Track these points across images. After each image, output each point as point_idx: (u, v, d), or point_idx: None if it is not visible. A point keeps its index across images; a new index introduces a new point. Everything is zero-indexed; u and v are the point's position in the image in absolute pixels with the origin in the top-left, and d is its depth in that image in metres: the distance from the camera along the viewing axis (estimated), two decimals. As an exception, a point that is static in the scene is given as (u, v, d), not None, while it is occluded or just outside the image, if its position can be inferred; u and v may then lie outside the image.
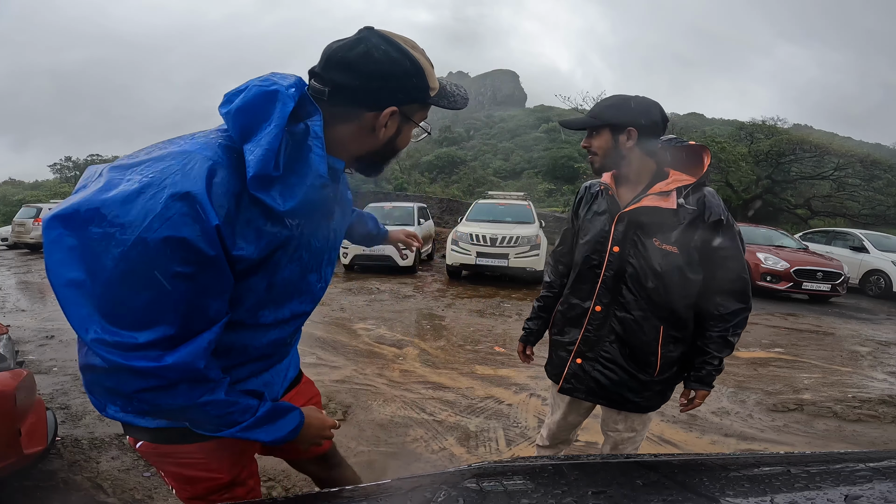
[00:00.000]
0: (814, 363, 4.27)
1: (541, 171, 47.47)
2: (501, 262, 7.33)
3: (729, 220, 1.32)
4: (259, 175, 0.64)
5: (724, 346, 1.35)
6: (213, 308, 0.68)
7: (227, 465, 0.91)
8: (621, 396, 1.42)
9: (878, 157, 19.56)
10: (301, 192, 0.69)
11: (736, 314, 1.33)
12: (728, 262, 1.32)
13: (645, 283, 1.34)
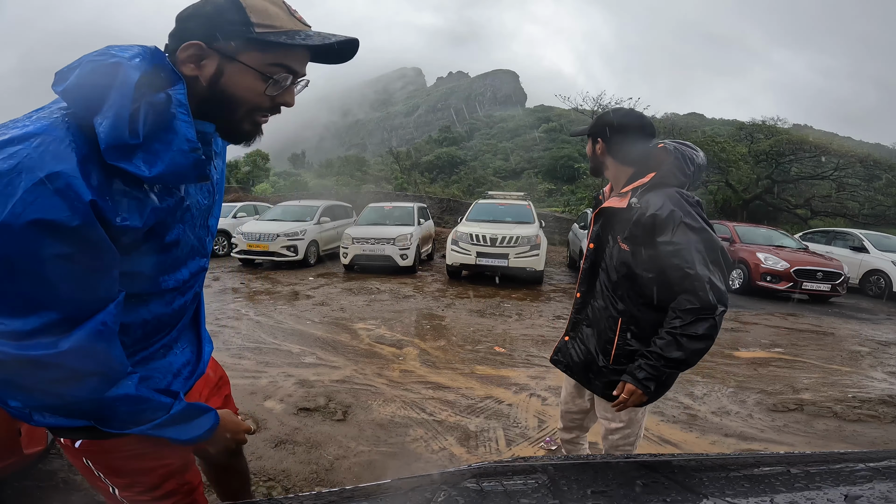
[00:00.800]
0: (814, 363, 4.27)
1: (541, 171, 47.48)
2: (501, 262, 7.33)
3: (672, 215, 1.29)
4: (113, 145, 0.63)
5: (672, 345, 1.29)
6: (103, 286, 0.67)
7: (178, 449, 0.87)
8: (586, 376, 1.56)
9: (878, 157, 19.57)
10: (168, 157, 0.67)
11: (689, 313, 1.26)
12: (671, 259, 1.28)
13: (610, 276, 1.47)
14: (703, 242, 1.28)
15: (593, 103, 18.30)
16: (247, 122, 0.78)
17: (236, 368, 3.46)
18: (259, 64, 0.73)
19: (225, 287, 6.93)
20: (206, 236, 0.91)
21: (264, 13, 0.72)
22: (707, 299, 1.25)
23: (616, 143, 1.44)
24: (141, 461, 0.86)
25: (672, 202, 1.31)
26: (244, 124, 0.78)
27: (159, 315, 0.83)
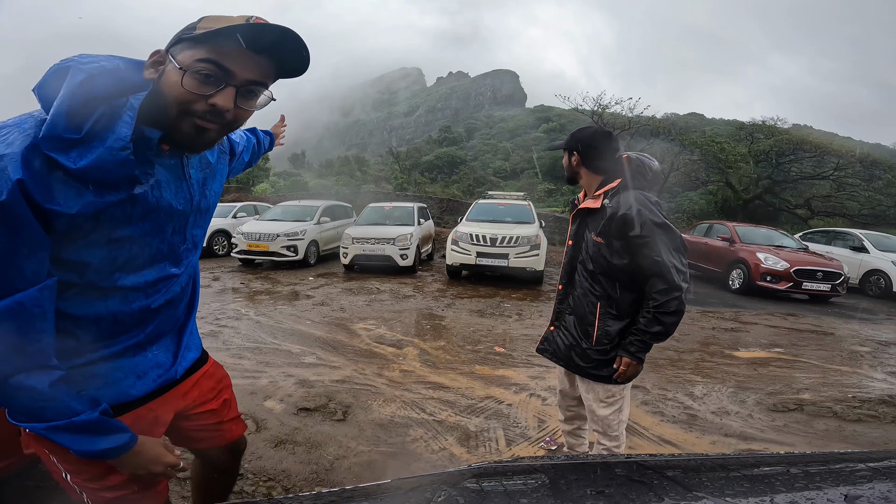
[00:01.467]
0: (814, 363, 4.27)
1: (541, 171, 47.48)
2: (501, 262, 7.33)
3: (640, 213, 1.55)
4: (47, 136, 0.67)
5: (654, 322, 1.55)
6: (28, 267, 0.68)
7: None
8: (570, 359, 1.76)
9: (878, 157, 19.58)
10: (96, 153, 0.70)
11: (662, 293, 1.53)
12: (643, 249, 1.55)
13: (587, 266, 1.70)
14: (666, 234, 1.55)
15: (593, 103, 18.29)
16: (185, 124, 0.76)
17: (236, 368, 3.46)
18: (188, 62, 0.74)
19: (225, 287, 6.93)
20: (182, 244, 0.92)
21: (213, 19, 0.74)
22: (674, 281, 1.52)
23: (588, 156, 1.73)
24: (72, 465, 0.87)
25: (638, 202, 1.58)
26: (182, 126, 0.77)
27: (117, 313, 0.83)
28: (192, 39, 0.74)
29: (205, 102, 0.75)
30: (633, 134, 18.39)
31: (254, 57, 0.76)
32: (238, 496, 1.95)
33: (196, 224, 0.96)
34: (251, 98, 0.80)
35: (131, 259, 0.82)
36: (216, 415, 1.12)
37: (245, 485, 2.04)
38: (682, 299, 1.54)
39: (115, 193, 0.74)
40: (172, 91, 0.74)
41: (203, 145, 0.82)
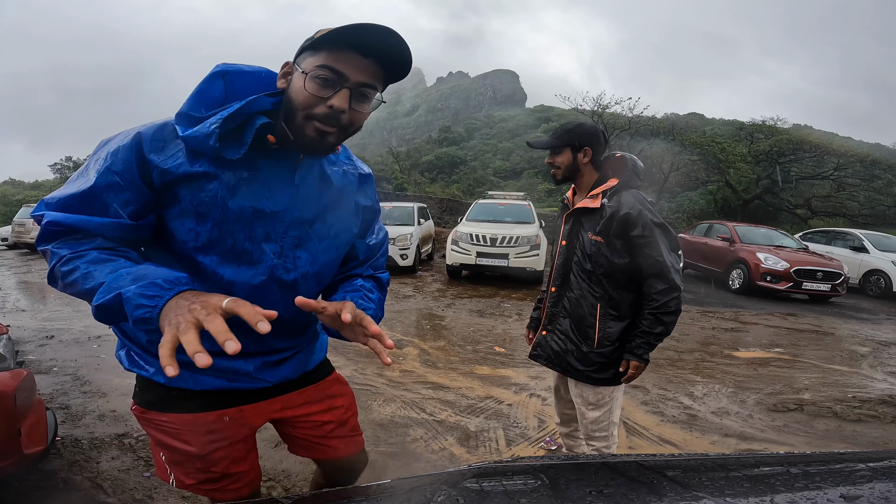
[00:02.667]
0: (814, 363, 4.27)
1: (541, 171, 47.43)
2: (501, 262, 7.33)
3: (641, 214, 1.56)
4: (179, 112, 0.83)
5: (656, 323, 1.57)
6: (115, 203, 0.80)
7: (197, 439, 0.95)
8: (568, 363, 1.70)
9: (878, 157, 19.57)
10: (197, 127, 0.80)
11: (663, 293, 1.55)
12: (644, 249, 1.56)
13: (584, 267, 1.66)
14: (664, 235, 1.58)
15: (593, 103, 18.28)
16: (307, 128, 0.82)
17: (236, 368, 3.46)
18: (309, 68, 0.80)
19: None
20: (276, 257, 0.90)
21: (324, 29, 0.80)
22: (674, 281, 1.55)
23: (597, 153, 1.69)
24: (166, 437, 0.96)
25: (639, 202, 1.59)
26: (306, 130, 0.82)
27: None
28: (311, 47, 0.81)
29: (324, 105, 0.80)
30: (633, 134, 18.39)
31: (362, 60, 0.81)
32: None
33: (302, 244, 0.93)
34: (364, 101, 0.84)
35: (212, 243, 0.86)
36: (321, 428, 1.12)
37: (245, 485, 2.04)
38: (681, 298, 1.57)
39: (205, 164, 0.83)
40: (298, 96, 0.81)
41: (324, 148, 0.87)
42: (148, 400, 0.95)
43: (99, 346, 3.96)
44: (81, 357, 3.66)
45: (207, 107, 0.82)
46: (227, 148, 0.81)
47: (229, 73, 0.85)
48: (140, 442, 2.36)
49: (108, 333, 4.33)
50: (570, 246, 1.73)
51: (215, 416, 0.96)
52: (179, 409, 0.93)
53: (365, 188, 1.05)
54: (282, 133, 0.85)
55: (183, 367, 0.80)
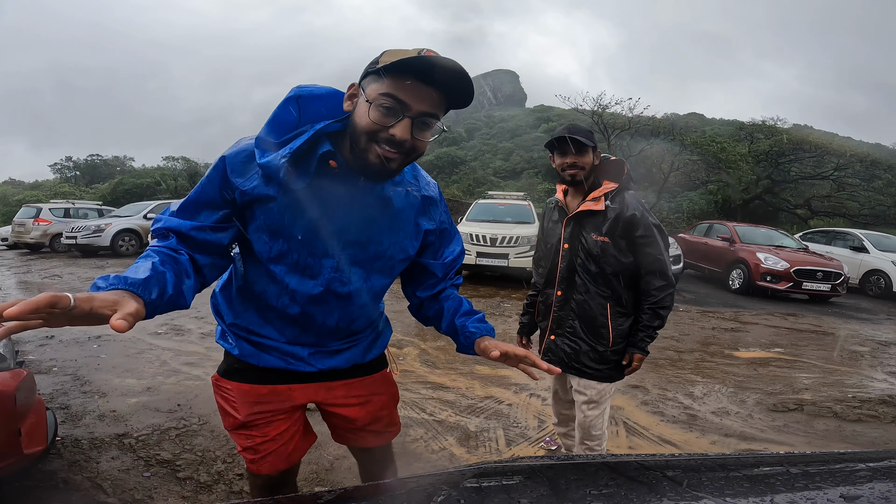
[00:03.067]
0: (814, 363, 4.27)
1: (541, 171, 47.44)
2: (501, 262, 7.33)
3: (643, 214, 1.66)
4: (259, 136, 0.91)
5: (654, 317, 1.69)
6: (202, 215, 0.93)
7: (244, 409, 1.09)
8: (584, 365, 1.75)
9: (878, 157, 19.58)
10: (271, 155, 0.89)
11: (660, 290, 1.67)
12: (646, 248, 1.66)
13: (590, 269, 1.72)
14: (661, 235, 1.69)
15: (593, 103, 18.28)
16: (370, 153, 0.86)
17: (236, 368, 3.46)
18: (373, 95, 0.84)
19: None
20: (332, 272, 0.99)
21: (392, 53, 0.83)
22: (671, 277, 1.69)
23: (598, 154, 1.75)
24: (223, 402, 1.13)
25: (640, 204, 1.68)
26: (369, 155, 0.86)
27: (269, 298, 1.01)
28: (375, 73, 0.84)
29: (387, 132, 0.84)
30: (633, 134, 18.39)
31: (425, 89, 0.84)
32: (238, 496, 1.95)
33: (357, 262, 1.00)
34: (426, 129, 0.88)
35: (281, 255, 0.96)
36: (354, 422, 1.20)
37: (245, 485, 2.04)
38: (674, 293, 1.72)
39: (275, 188, 0.91)
40: (361, 121, 0.86)
41: (387, 174, 0.91)
42: (223, 369, 1.13)
43: (99, 346, 3.96)
44: (81, 357, 3.66)
45: (282, 132, 0.91)
46: (294, 178, 0.90)
47: (302, 96, 0.93)
48: (140, 442, 2.36)
49: (108, 333, 4.33)
50: (573, 249, 1.75)
51: (268, 389, 1.09)
52: (241, 379, 1.09)
53: (429, 210, 1.08)
54: (345, 156, 0.93)
55: (253, 345, 1.07)
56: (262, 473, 1.15)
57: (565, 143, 1.68)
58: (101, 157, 56.81)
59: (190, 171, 34.17)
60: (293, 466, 1.21)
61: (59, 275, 7.93)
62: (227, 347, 1.10)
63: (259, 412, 1.10)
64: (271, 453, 1.13)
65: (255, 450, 1.12)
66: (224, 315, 1.10)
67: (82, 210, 13.32)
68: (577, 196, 1.79)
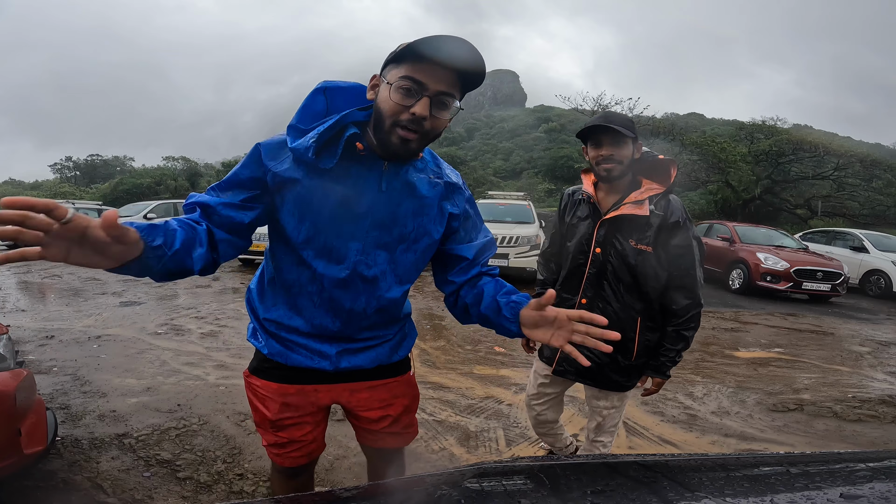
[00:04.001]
0: (814, 363, 4.27)
1: (541, 171, 47.45)
2: (501, 262, 7.32)
3: (686, 223, 1.50)
4: (290, 125, 0.97)
5: (679, 339, 1.55)
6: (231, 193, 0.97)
7: (275, 407, 1.14)
8: (606, 377, 1.62)
9: (878, 157, 19.59)
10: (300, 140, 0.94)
11: (687, 309, 1.53)
12: (680, 260, 1.50)
13: (623, 279, 1.53)
14: (699, 248, 1.53)
15: (593, 103, 18.28)
16: (392, 135, 0.91)
17: (236, 368, 3.46)
18: (393, 79, 0.89)
19: (225, 287, 6.93)
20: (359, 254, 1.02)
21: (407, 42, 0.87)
22: (699, 296, 1.53)
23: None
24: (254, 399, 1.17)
25: (685, 211, 1.51)
26: (391, 137, 0.92)
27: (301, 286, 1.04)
28: (394, 60, 0.90)
29: (408, 112, 0.89)
30: (633, 134, 18.38)
31: (441, 71, 0.88)
32: (238, 496, 1.95)
33: (383, 243, 1.03)
34: (443, 108, 0.92)
35: (310, 239, 0.99)
36: (375, 424, 1.23)
37: (245, 485, 2.04)
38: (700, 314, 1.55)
39: (304, 170, 0.96)
40: (384, 105, 0.91)
41: (407, 154, 0.96)
42: (254, 366, 1.16)
43: (99, 346, 3.96)
44: (81, 357, 3.66)
45: (311, 119, 0.96)
46: (323, 159, 0.94)
47: (329, 88, 0.99)
48: (140, 442, 2.36)
49: (107, 333, 4.33)
50: (605, 254, 1.55)
51: (295, 389, 1.13)
52: (270, 378, 1.13)
53: (453, 197, 1.11)
54: (369, 141, 0.97)
55: (281, 343, 1.10)
56: (286, 466, 1.22)
57: (601, 133, 1.48)
58: (101, 157, 56.82)
59: (190, 171, 34.16)
60: (314, 459, 1.27)
61: (59, 275, 7.93)
62: (258, 346, 1.13)
63: (288, 414, 1.15)
64: (295, 451, 1.19)
65: (281, 446, 1.18)
66: (257, 309, 1.14)
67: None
68: (611, 193, 1.58)
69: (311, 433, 1.19)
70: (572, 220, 1.67)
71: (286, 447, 1.18)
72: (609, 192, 1.58)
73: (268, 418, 1.15)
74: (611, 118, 1.48)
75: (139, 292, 6.40)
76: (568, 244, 1.66)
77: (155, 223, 0.80)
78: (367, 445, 1.31)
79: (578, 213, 1.66)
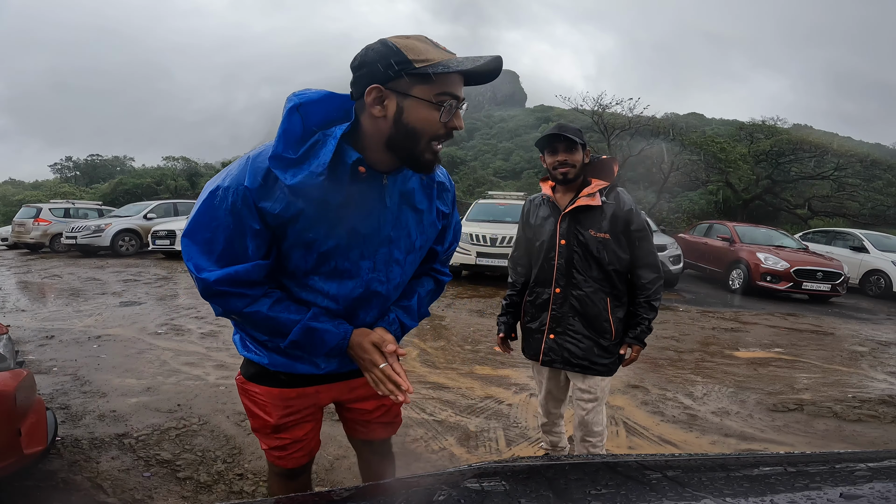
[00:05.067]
0: (814, 363, 4.27)
1: (540, 171, 47.41)
2: (501, 262, 7.33)
3: (636, 209, 1.73)
4: (273, 155, 0.87)
5: (651, 309, 1.75)
6: (251, 248, 0.92)
7: (276, 412, 1.12)
8: (590, 361, 1.76)
9: (878, 157, 19.60)
10: (303, 174, 0.86)
11: (653, 282, 1.74)
12: (642, 242, 1.74)
13: (588, 264, 1.73)
14: (650, 231, 1.78)
15: (593, 103, 18.28)
16: (427, 151, 0.90)
17: (237, 368, 3.46)
18: (429, 95, 0.85)
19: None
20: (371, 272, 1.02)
21: (416, 50, 0.84)
22: (661, 270, 1.77)
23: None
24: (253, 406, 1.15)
25: (632, 200, 1.74)
26: (426, 154, 0.90)
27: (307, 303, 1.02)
28: (424, 75, 0.83)
29: (445, 127, 0.88)
30: (633, 134, 18.39)
31: (459, 78, 0.88)
32: (238, 496, 1.95)
33: (392, 258, 1.04)
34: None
35: (318, 265, 0.98)
36: (369, 414, 1.27)
37: (245, 485, 2.04)
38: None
39: (303, 203, 0.90)
40: (420, 124, 0.86)
41: (434, 165, 0.94)
42: (251, 373, 1.13)
43: (99, 346, 3.96)
44: (81, 357, 3.66)
45: (295, 146, 0.88)
46: (326, 191, 0.90)
47: (302, 104, 0.90)
48: (140, 442, 2.36)
49: (107, 333, 4.33)
50: (570, 245, 1.76)
51: (297, 392, 1.12)
52: (270, 384, 1.11)
53: (444, 195, 1.12)
54: (368, 159, 0.92)
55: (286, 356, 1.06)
56: (289, 468, 1.22)
57: (556, 142, 1.72)
58: (101, 157, 56.83)
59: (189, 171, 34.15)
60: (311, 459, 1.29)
61: (59, 275, 7.93)
62: (256, 359, 1.10)
63: (289, 415, 1.14)
64: (298, 451, 1.20)
65: (283, 449, 1.18)
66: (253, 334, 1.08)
67: (82, 210, 13.33)
68: (567, 193, 1.80)
69: (311, 431, 1.21)
70: (537, 222, 1.86)
71: (288, 448, 1.18)
72: (565, 193, 1.80)
73: (270, 423, 1.14)
74: (564, 128, 1.70)
75: (139, 292, 6.40)
76: (536, 243, 1.84)
77: (328, 323, 1.00)
78: (358, 438, 1.33)
79: (541, 214, 1.86)
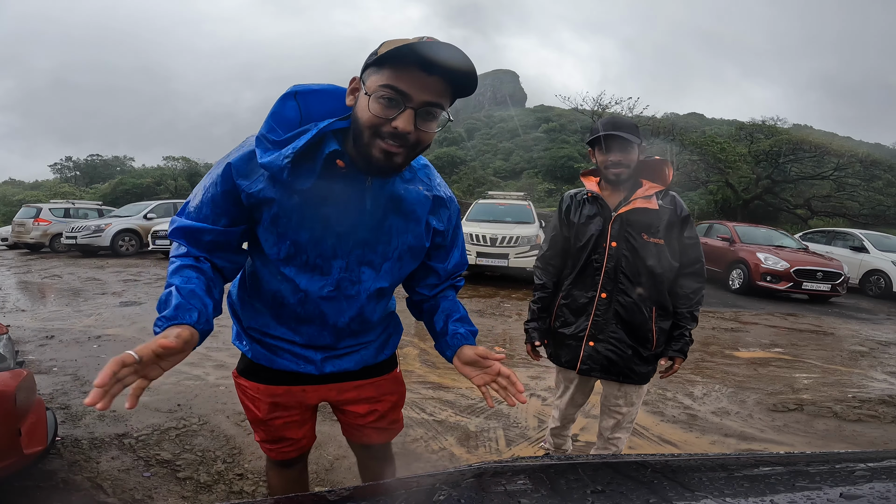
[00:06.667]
0: (814, 363, 4.27)
1: (541, 171, 47.47)
2: (501, 262, 7.33)
3: (691, 216, 1.66)
4: (259, 134, 0.88)
5: (692, 319, 1.66)
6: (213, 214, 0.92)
7: (264, 407, 1.14)
8: (630, 370, 1.67)
9: (878, 157, 19.60)
10: (273, 154, 0.85)
11: (697, 292, 1.66)
12: (690, 250, 1.65)
13: (639, 271, 1.62)
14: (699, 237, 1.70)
15: (593, 103, 18.29)
16: (374, 148, 0.83)
17: (236, 368, 3.46)
18: (372, 87, 0.80)
19: (224, 287, 6.93)
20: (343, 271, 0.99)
21: (392, 43, 0.78)
22: (705, 279, 1.67)
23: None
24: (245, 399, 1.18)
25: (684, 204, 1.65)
26: (373, 150, 0.83)
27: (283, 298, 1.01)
28: (375, 64, 0.81)
29: (389, 125, 0.80)
30: (633, 134, 18.37)
31: (427, 78, 0.79)
32: (238, 496, 1.95)
33: (366, 261, 1.00)
34: (430, 120, 0.83)
35: (290, 257, 0.96)
36: (361, 418, 1.24)
37: (245, 485, 2.04)
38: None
39: (280, 189, 0.89)
40: (362, 116, 0.82)
41: (392, 169, 0.87)
42: (241, 367, 1.17)
43: (99, 346, 3.96)
44: (81, 357, 3.66)
45: (284, 129, 0.86)
46: (298, 177, 0.87)
47: (300, 93, 0.88)
48: (140, 442, 2.36)
49: (108, 333, 4.33)
50: (620, 249, 1.63)
51: (283, 390, 1.12)
52: (258, 380, 1.12)
53: (439, 211, 1.05)
54: (351, 155, 0.88)
55: (266, 348, 1.09)
56: (278, 459, 1.25)
57: (611, 140, 1.57)
58: (101, 157, 56.85)
59: (190, 172, 34.14)
60: (305, 451, 1.30)
61: (59, 275, 7.93)
62: (243, 350, 1.13)
63: (277, 413, 1.15)
64: (287, 446, 1.22)
65: (273, 442, 1.21)
66: (241, 317, 1.12)
67: (82, 210, 13.33)
68: (616, 192, 1.67)
69: (300, 430, 1.21)
70: (580, 220, 1.71)
71: (278, 443, 1.21)
72: (613, 192, 1.67)
73: (259, 417, 1.16)
74: (619, 125, 1.57)
75: (139, 292, 6.40)
76: (578, 244, 1.70)
77: (181, 300, 0.82)
78: (353, 441, 1.32)
79: (585, 212, 1.71)
